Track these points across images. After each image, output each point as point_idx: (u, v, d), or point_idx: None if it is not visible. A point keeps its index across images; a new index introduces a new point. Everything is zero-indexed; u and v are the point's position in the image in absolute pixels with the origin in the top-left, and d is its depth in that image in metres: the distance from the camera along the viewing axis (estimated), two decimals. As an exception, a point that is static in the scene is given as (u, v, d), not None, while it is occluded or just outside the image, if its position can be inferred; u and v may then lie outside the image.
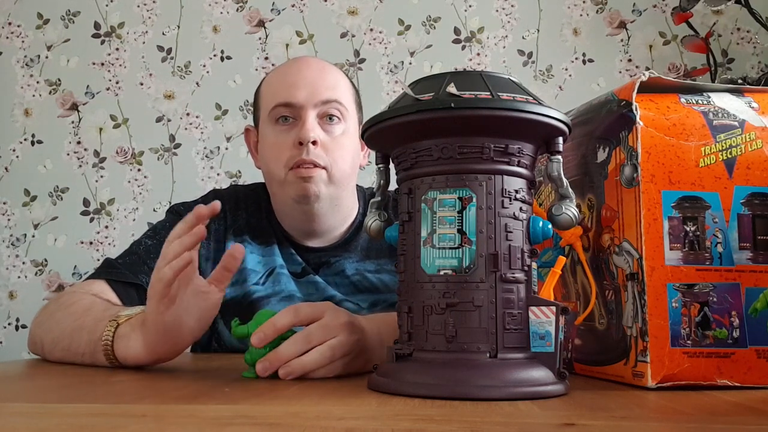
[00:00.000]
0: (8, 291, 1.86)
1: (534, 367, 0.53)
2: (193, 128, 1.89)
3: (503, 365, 0.53)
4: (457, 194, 0.55)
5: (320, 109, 1.04)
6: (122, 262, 1.00)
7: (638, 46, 1.84)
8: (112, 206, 1.87)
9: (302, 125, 1.02)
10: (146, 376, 0.66)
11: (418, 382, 0.53)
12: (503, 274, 0.54)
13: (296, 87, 1.04)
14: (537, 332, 0.54)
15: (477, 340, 0.53)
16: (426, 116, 0.54)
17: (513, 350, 0.54)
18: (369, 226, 0.64)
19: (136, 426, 0.40)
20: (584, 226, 0.67)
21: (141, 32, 1.93)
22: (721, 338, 0.57)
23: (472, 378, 0.52)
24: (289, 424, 0.41)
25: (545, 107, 0.55)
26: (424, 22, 1.89)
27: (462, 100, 0.54)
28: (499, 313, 0.54)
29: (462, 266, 0.55)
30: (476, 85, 0.56)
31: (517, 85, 0.58)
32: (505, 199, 0.55)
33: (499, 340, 0.53)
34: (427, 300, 0.55)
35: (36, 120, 1.91)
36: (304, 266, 1.10)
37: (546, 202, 0.75)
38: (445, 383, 0.52)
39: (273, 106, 1.05)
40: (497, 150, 0.55)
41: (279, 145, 1.04)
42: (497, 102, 0.53)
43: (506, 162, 0.55)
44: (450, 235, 0.55)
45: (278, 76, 1.09)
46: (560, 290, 0.72)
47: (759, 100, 0.63)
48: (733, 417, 0.45)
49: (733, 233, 0.59)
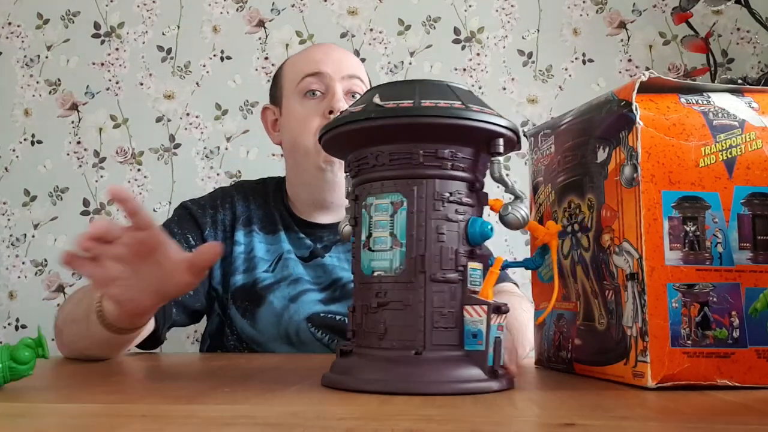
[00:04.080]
0: (8, 291, 1.86)
1: (462, 365, 0.55)
2: (193, 128, 1.89)
3: (428, 362, 0.55)
4: (389, 199, 0.58)
5: (345, 84, 1.11)
6: None
7: (638, 46, 1.84)
8: (112, 206, 1.87)
9: (332, 95, 1.09)
10: (146, 376, 0.66)
11: (357, 377, 0.56)
12: (433, 274, 0.56)
13: (323, 62, 1.12)
14: (470, 331, 0.56)
15: (406, 338, 0.56)
16: (353, 127, 0.58)
17: (442, 348, 0.56)
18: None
19: (136, 426, 0.40)
20: (583, 226, 0.67)
21: (141, 32, 1.93)
22: (721, 338, 0.57)
23: (399, 374, 0.54)
24: (289, 424, 0.41)
25: (473, 112, 0.56)
26: (424, 22, 1.89)
27: (383, 110, 0.56)
28: (428, 313, 0.56)
29: (392, 268, 0.57)
30: (403, 94, 0.58)
31: (452, 90, 0.59)
32: (437, 203, 0.57)
33: (427, 339, 0.55)
34: (364, 300, 0.58)
35: (36, 120, 1.91)
36: (312, 249, 1.13)
37: (546, 202, 0.75)
38: (375, 379, 0.55)
39: (301, 78, 1.12)
40: (427, 155, 0.57)
41: (308, 115, 1.10)
42: (416, 110, 0.56)
43: (438, 166, 0.57)
44: (383, 238, 0.58)
45: (303, 54, 1.17)
46: (561, 290, 0.72)
47: (759, 100, 0.63)
48: (733, 417, 0.45)
49: (733, 233, 0.59)
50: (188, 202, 1.17)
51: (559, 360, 0.71)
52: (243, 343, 1.08)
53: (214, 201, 1.16)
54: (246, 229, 1.13)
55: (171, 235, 1.08)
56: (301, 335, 1.05)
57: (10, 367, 0.55)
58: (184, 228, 1.10)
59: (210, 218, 1.13)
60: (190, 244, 1.08)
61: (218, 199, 1.17)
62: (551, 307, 0.66)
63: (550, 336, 0.74)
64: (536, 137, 0.78)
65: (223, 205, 1.15)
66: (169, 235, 1.07)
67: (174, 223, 1.11)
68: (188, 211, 1.14)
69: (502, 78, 1.86)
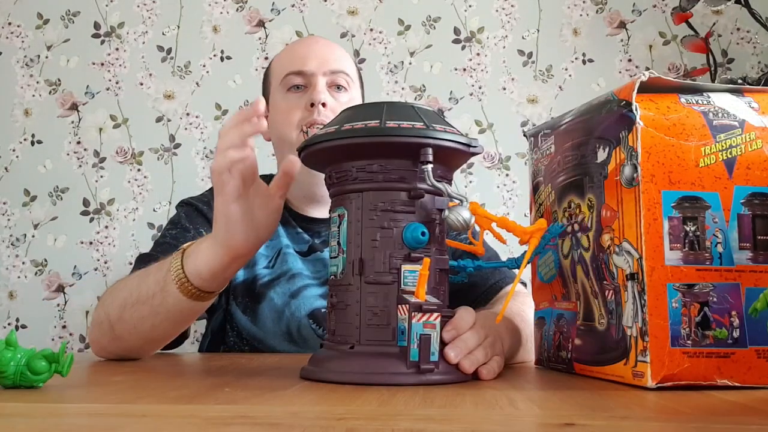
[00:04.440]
0: (8, 291, 1.86)
1: (389, 359, 0.60)
2: (193, 128, 1.89)
3: (358, 356, 0.61)
4: (337, 212, 0.66)
5: (329, 78, 1.11)
6: (156, 252, 1.03)
7: (638, 46, 1.84)
8: (112, 206, 1.87)
9: (313, 89, 1.10)
10: (146, 376, 0.66)
11: (315, 368, 0.64)
12: (368, 277, 0.62)
13: (307, 57, 1.12)
14: (400, 328, 0.61)
15: (347, 334, 0.63)
16: (306, 151, 0.67)
17: (373, 343, 0.62)
18: None
19: (136, 426, 0.40)
20: (583, 226, 0.67)
21: (141, 32, 1.93)
22: (721, 338, 0.57)
23: (336, 365, 0.62)
24: (289, 424, 0.41)
25: (386, 128, 0.61)
26: (424, 22, 1.89)
27: (313, 137, 0.66)
28: (363, 311, 0.62)
29: (338, 272, 0.65)
30: (361, 116, 0.64)
31: (381, 108, 0.64)
32: (371, 212, 0.63)
33: (361, 335, 0.62)
34: (329, 300, 0.67)
35: (36, 120, 1.91)
36: (311, 243, 1.13)
37: (546, 202, 0.75)
38: (318, 369, 0.63)
39: (285, 75, 1.12)
40: (360, 171, 0.64)
41: (290, 108, 1.11)
42: (334, 134, 0.63)
43: (370, 180, 0.64)
44: (334, 246, 0.66)
45: (288, 50, 1.18)
46: (560, 290, 0.72)
47: (759, 100, 0.63)
48: (733, 417, 0.45)
49: (733, 233, 0.59)
50: (191, 199, 1.16)
51: (559, 360, 0.71)
52: (243, 339, 1.07)
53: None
54: None
55: (185, 231, 1.08)
56: (302, 331, 1.05)
57: (22, 372, 0.55)
58: (196, 224, 1.10)
59: None
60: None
61: None
62: (506, 305, 0.66)
63: (550, 336, 0.74)
64: (536, 137, 0.78)
65: None
66: (183, 231, 1.08)
67: (184, 220, 1.11)
68: (194, 207, 1.14)
69: (502, 78, 1.86)
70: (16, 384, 0.55)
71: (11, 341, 0.56)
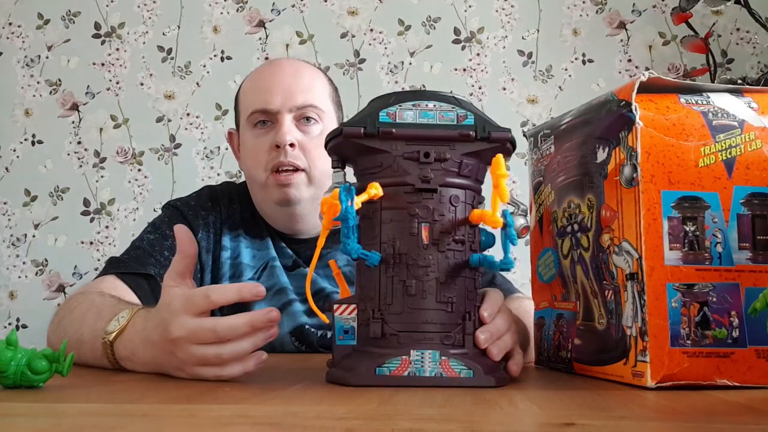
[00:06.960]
0: (8, 291, 1.86)
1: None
2: (193, 128, 1.89)
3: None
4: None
5: (296, 113, 1.06)
6: (128, 257, 1.01)
7: (638, 46, 1.84)
8: (113, 206, 1.87)
9: (279, 129, 1.04)
10: (146, 376, 0.66)
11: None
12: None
13: (271, 93, 1.06)
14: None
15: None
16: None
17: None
18: None
19: (136, 426, 0.40)
20: (583, 226, 0.67)
21: (141, 32, 1.93)
22: (720, 338, 0.57)
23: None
24: (289, 424, 0.41)
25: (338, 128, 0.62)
26: (424, 22, 1.89)
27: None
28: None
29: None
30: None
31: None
32: None
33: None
34: None
35: (36, 120, 1.91)
36: (295, 259, 1.11)
37: (546, 202, 0.75)
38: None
39: (250, 113, 1.07)
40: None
41: (257, 148, 1.06)
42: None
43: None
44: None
45: (253, 82, 1.11)
46: (560, 290, 0.72)
47: (759, 100, 0.63)
48: (733, 417, 0.45)
49: (733, 233, 0.59)
50: (177, 202, 1.13)
51: (559, 360, 0.71)
52: None
53: (204, 202, 1.13)
54: (232, 233, 1.11)
55: (163, 237, 1.04)
56: (285, 348, 1.03)
57: (22, 372, 0.54)
58: None
59: (202, 220, 1.10)
60: None
61: (207, 199, 1.14)
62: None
63: (550, 336, 0.74)
64: (536, 137, 0.78)
65: (214, 207, 1.12)
66: (161, 237, 1.05)
67: (165, 225, 1.08)
68: (179, 212, 1.11)
69: (502, 78, 1.86)
70: (17, 384, 0.55)
71: (12, 341, 0.56)
